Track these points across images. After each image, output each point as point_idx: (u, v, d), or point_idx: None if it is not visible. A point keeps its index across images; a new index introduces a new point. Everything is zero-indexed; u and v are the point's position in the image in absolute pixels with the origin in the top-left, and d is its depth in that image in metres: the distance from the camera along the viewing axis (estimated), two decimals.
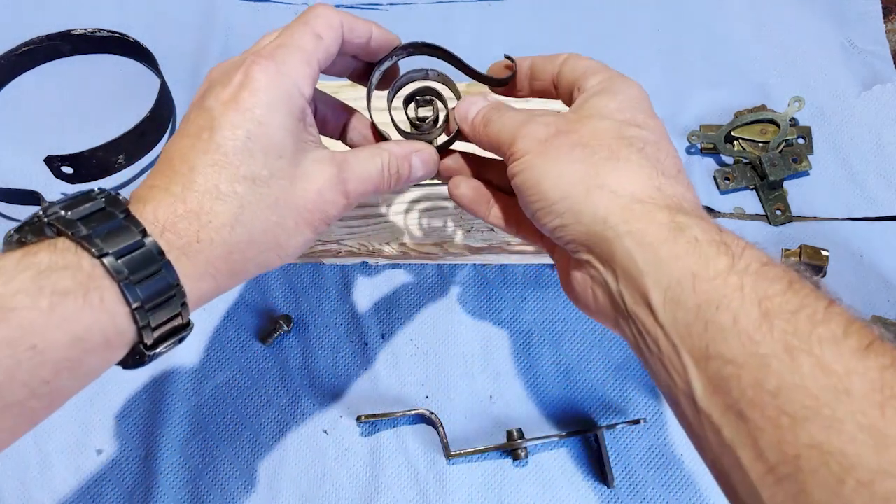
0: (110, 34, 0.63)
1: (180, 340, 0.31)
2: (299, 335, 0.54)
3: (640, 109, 0.34)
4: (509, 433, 0.49)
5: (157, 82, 0.60)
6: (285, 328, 0.53)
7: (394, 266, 0.56)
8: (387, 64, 0.40)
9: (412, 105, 0.43)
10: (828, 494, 0.22)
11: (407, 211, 0.54)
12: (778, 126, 0.59)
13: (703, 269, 0.27)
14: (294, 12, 0.67)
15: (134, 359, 0.30)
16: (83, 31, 0.63)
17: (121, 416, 0.51)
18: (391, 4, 0.67)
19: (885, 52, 0.65)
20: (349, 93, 0.58)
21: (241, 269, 0.32)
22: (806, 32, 0.66)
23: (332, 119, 0.41)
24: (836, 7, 0.67)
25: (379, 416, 0.50)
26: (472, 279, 0.56)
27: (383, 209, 0.54)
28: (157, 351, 0.30)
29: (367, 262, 0.55)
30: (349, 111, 0.42)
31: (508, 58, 0.41)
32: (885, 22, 0.66)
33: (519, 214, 0.38)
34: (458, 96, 0.42)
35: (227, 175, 0.31)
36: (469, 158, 0.42)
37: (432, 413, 0.50)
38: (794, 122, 0.61)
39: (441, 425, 0.49)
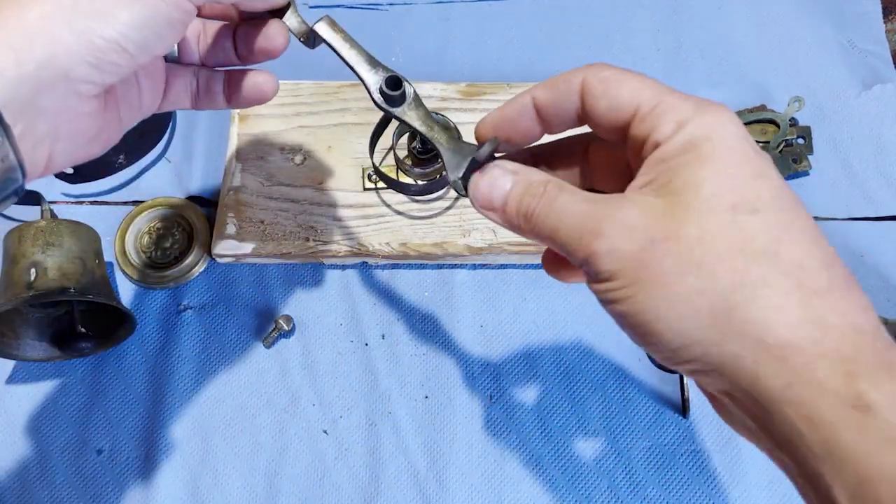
0: None
1: None
2: (299, 335, 0.54)
3: (744, 167, 0.25)
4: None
5: None
6: (285, 328, 0.53)
7: (394, 266, 0.56)
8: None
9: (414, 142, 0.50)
10: None
11: (407, 211, 0.54)
12: (778, 126, 0.59)
13: None
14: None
15: None
16: None
17: (121, 416, 0.51)
18: (391, 4, 0.67)
19: (885, 52, 0.65)
20: (349, 93, 0.58)
21: (42, 30, 0.28)
22: (806, 32, 0.66)
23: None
24: (836, 7, 0.67)
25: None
26: (472, 279, 0.56)
27: (383, 209, 0.54)
28: None
29: (367, 262, 0.55)
30: None
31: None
32: (885, 22, 0.66)
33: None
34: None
35: None
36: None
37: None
38: (793, 123, 0.61)
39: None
